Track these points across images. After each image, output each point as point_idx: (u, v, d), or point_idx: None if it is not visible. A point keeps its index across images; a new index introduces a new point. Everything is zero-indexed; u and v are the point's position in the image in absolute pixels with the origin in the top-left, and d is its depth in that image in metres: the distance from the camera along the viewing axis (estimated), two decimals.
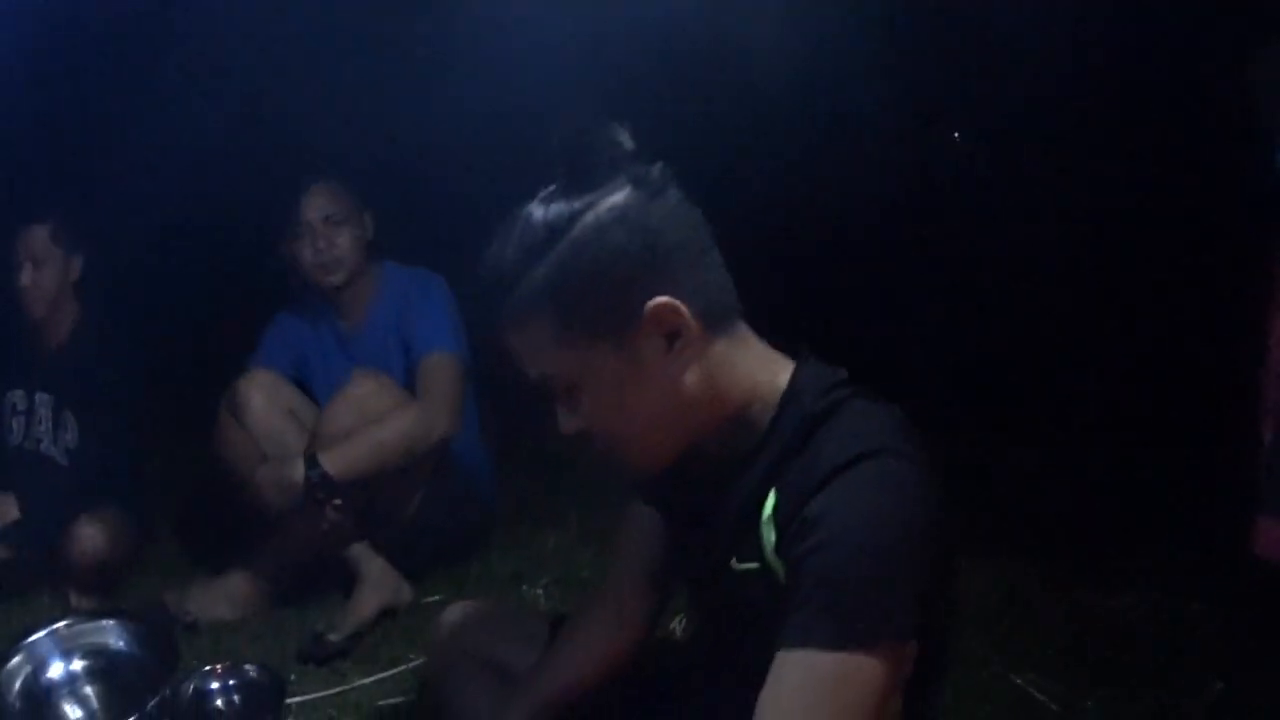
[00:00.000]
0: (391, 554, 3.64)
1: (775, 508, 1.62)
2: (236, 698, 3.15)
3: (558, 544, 4.05)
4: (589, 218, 1.57)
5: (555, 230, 1.58)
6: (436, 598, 3.68)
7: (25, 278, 3.73)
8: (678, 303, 1.58)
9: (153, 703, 2.87)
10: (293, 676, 3.26)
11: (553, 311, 1.58)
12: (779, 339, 1.76)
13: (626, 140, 1.63)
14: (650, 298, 1.57)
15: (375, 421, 3.40)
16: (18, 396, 3.88)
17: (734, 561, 1.70)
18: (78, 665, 3.14)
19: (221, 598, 3.64)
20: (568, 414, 1.68)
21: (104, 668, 3.13)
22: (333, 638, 3.43)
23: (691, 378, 1.62)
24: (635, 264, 1.57)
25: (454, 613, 2.54)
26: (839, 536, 1.52)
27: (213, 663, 3.20)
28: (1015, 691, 2.98)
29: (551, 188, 1.62)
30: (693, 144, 1.71)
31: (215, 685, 3.18)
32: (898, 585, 1.53)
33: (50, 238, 3.79)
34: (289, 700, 3.12)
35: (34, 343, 3.87)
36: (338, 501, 3.40)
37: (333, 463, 3.35)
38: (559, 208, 1.59)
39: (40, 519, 3.67)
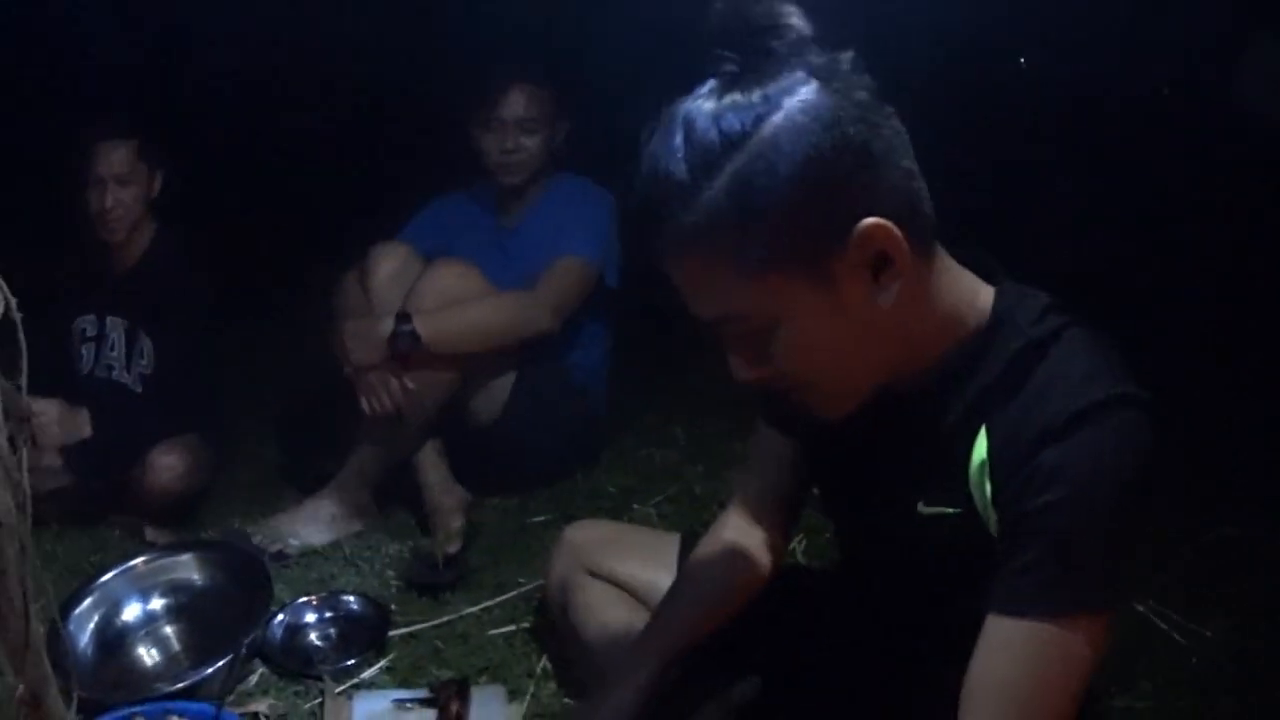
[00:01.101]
0: (471, 460, 3.45)
1: (992, 452, 1.41)
2: (334, 630, 2.94)
3: (664, 461, 3.78)
4: (776, 118, 1.28)
5: (734, 135, 1.28)
6: (542, 518, 3.45)
7: (108, 199, 3.38)
8: (889, 224, 1.31)
9: (246, 640, 2.58)
10: (393, 606, 3.00)
11: (737, 238, 1.30)
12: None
13: (803, 23, 1.32)
14: (857, 216, 1.30)
15: (481, 302, 3.27)
16: (88, 322, 3.57)
17: (921, 504, 1.52)
18: (157, 604, 2.92)
19: (307, 522, 3.37)
20: (746, 359, 1.43)
21: (186, 605, 2.91)
22: (447, 553, 3.17)
23: (895, 307, 1.36)
24: (838, 176, 1.28)
25: (579, 531, 2.45)
26: (1079, 496, 1.34)
27: (304, 593, 3.01)
28: (1136, 618, 2.81)
29: (716, 81, 1.32)
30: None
31: (311, 618, 2.97)
32: (1127, 550, 1.41)
33: (136, 154, 3.44)
34: (391, 633, 2.86)
35: (104, 265, 3.58)
36: (410, 385, 3.20)
37: (423, 324, 3.15)
38: (736, 106, 1.29)
39: (114, 448, 3.37)
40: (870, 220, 1.30)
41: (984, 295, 1.48)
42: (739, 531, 1.93)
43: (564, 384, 3.53)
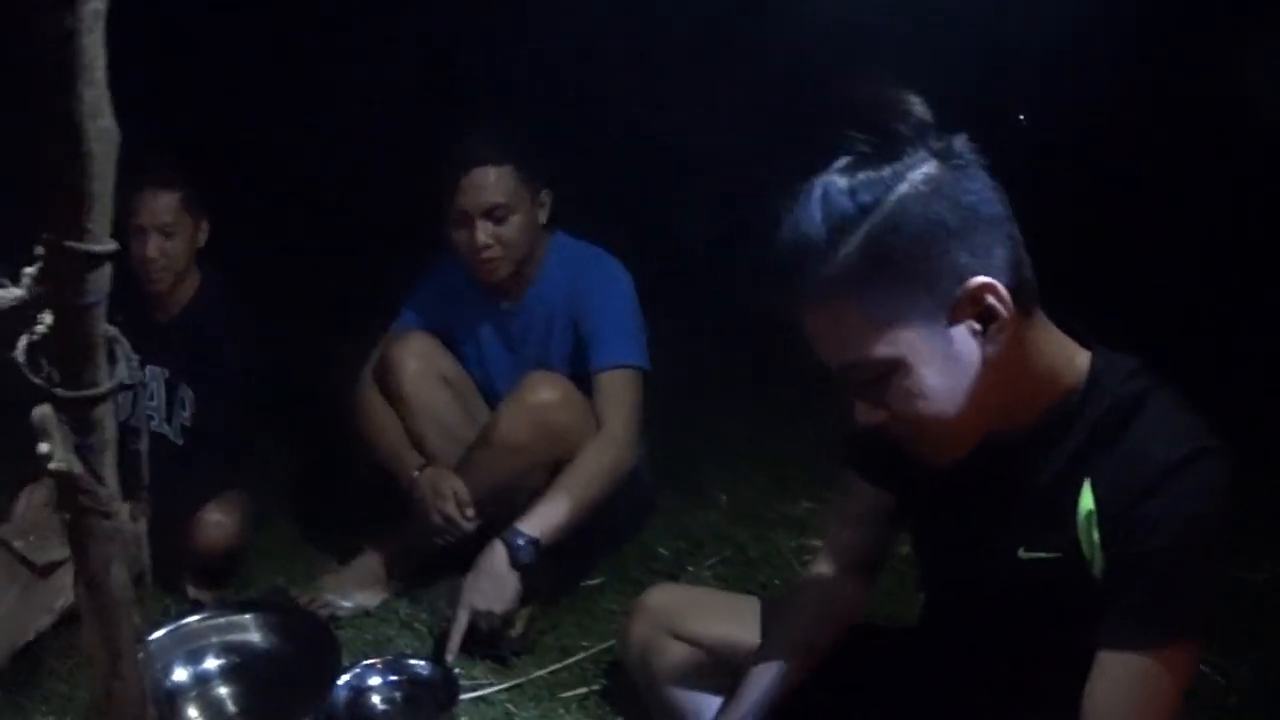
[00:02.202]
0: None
1: (1099, 503, 1.56)
2: (399, 694, 2.80)
3: (709, 523, 3.71)
4: (902, 188, 1.44)
5: (866, 204, 1.44)
6: (596, 581, 3.37)
7: (151, 249, 3.23)
8: (996, 283, 1.46)
9: (320, 705, 2.53)
10: (457, 669, 2.87)
11: (867, 292, 1.46)
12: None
13: (923, 109, 1.49)
14: (967, 276, 1.45)
15: (573, 469, 3.02)
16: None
17: (1022, 550, 1.64)
18: (210, 665, 2.75)
19: (357, 584, 3.25)
20: (869, 404, 1.55)
21: (241, 666, 2.74)
22: (512, 631, 3.00)
23: (1002, 360, 1.51)
24: (954, 240, 1.44)
25: (658, 595, 2.45)
26: (1180, 541, 1.51)
27: (360, 656, 2.87)
28: None
29: (849, 157, 1.48)
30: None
31: (376, 681, 2.83)
32: (1215, 583, 1.61)
33: (181, 204, 3.30)
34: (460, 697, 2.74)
35: (143, 314, 3.40)
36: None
37: (540, 529, 2.97)
38: (867, 178, 1.46)
39: (153, 503, 3.16)
40: (980, 279, 1.45)
41: (1080, 357, 1.61)
42: (826, 584, 2.04)
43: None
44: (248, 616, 2.82)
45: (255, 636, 2.80)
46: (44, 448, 1.31)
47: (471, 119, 3.53)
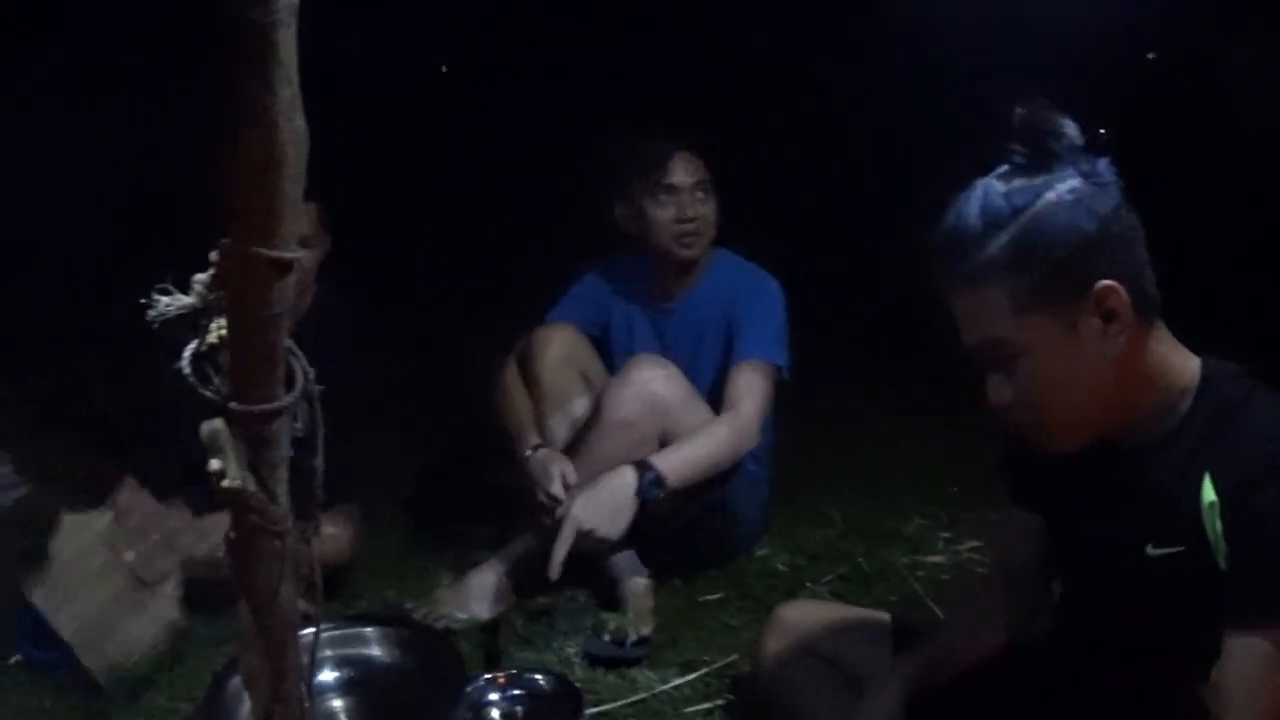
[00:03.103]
0: (653, 551, 3.23)
1: (1220, 495, 1.65)
2: (520, 709, 2.70)
3: (825, 539, 3.60)
4: (1050, 196, 1.64)
5: (1019, 204, 1.65)
6: (714, 596, 3.26)
7: None
8: (1120, 287, 1.64)
9: None
10: (576, 684, 2.77)
11: (1012, 278, 1.64)
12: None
13: (1075, 133, 1.69)
14: (1096, 279, 1.63)
15: (702, 431, 3.06)
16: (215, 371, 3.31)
17: (1150, 547, 1.73)
18: (326, 677, 2.66)
19: (472, 596, 3.16)
20: (1000, 383, 1.72)
21: (358, 680, 2.65)
22: (634, 637, 2.94)
23: (1119, 360, 1.67)
24: (1089, 244, 1.63)
25: (792, 610, 2.45)
26: None
27: (475, 670, 2.77)
28: None
29: (1008, 166, 1.70)
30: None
31: (495, 695, 2.72)
32: None
33: (318, 217, 3.26)
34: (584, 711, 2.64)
35: None
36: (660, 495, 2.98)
37: (668, 468, 2.96)
38: (1022, 184, 1.67)
39: None
40: (1106, 282, 1.63)
41: (1192, 362, 1.75)
42: (981, 600, 2.15)
43: (744, 472, 3.30)
44: (367, 629, 2.74)
45: (374, 650, 2.73)
46: (215, 465, 1.23)
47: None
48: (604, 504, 2.87)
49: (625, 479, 2.90)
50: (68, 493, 4.09)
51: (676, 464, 2.96)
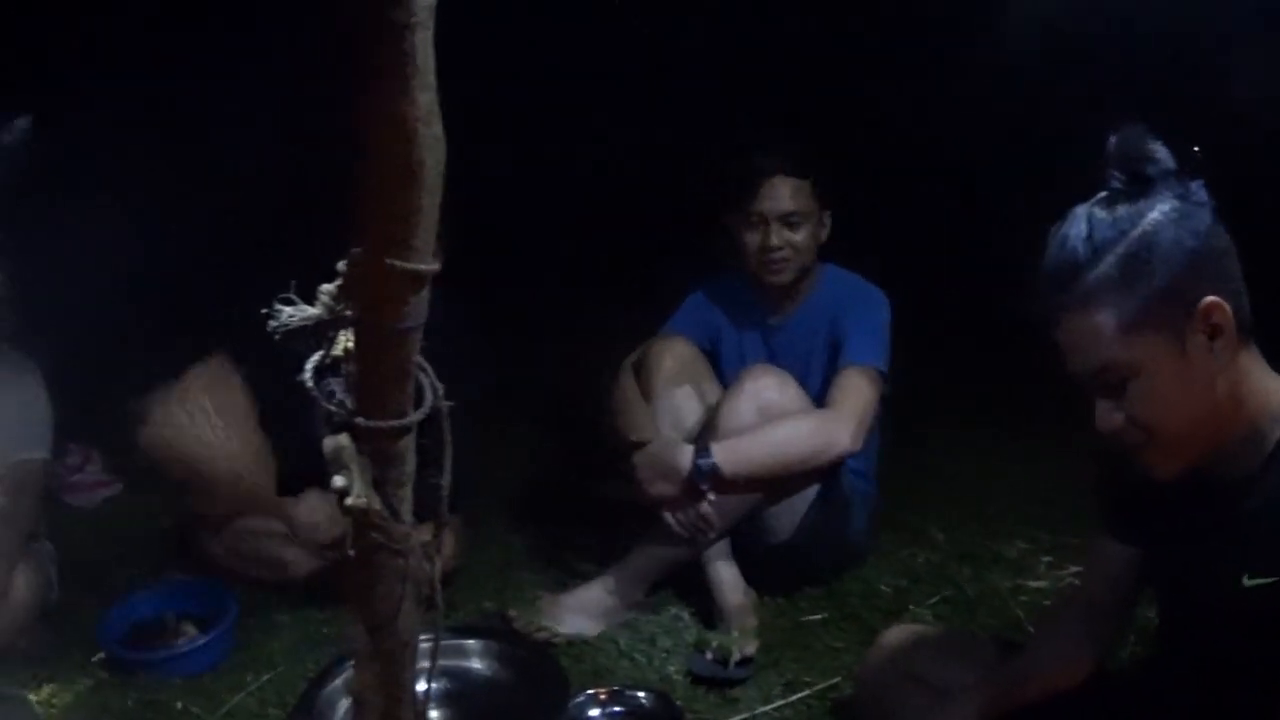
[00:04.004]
0: (757, 568, 3.16)
1: None
2: None
3: (929, 561, 3.48)
4: (1153, 216, 1.66)
5: (1124, 226, 1.67)
6: (817, 616, 3.15)
7: None
8: (1224, 303, 1.64)
9: None
10: (677, 702, 2.72)
11: (1121, 300, 1.65)
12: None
13: (1167, 157, 1.71)
14: (1202, 295, 1.64)
15: (774, 422, 2.99)
16: (336, 384, 3.27)
17: (1245, 578, 1.71)
18: (419, 686, 2.56)
19: (576, 611, 3.08)
20: (1110, 409, 1.70)
21: (455, 692, 2.60)
22: (738, 656, 2.86)
23: (1222, 381, 1.68)
24: (1194, 262, 1.64)
25: (897, 634, 2.42)
26: None
27: (575, 686, 2.69)
28: None
29: (1108, 191, 1.72)
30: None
31: (596, 712, 2.68)
32: None
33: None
34: None
35: None
36: (712, 497, 2.95)
37: (725, 455, 2.93)
38: (1124, 208, 1.68)
39: None
40: (1211, 298, 1.64)
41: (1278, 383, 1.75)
42: (1070, 624, 2.13)
43: (850, 490, 3.22)
44: (469, 641, 2.70)
45: (475, 662, 2.68)
46: (339, 482, 1.17)
47: (762, 130, 3.78)
48: (656, 464, 2.95)
49: (684, 454, 2.94)
50: (160, 492, 4.14)
51: (737, 457, 2.93)
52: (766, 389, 3.03)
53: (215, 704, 2.85)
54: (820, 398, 3.14)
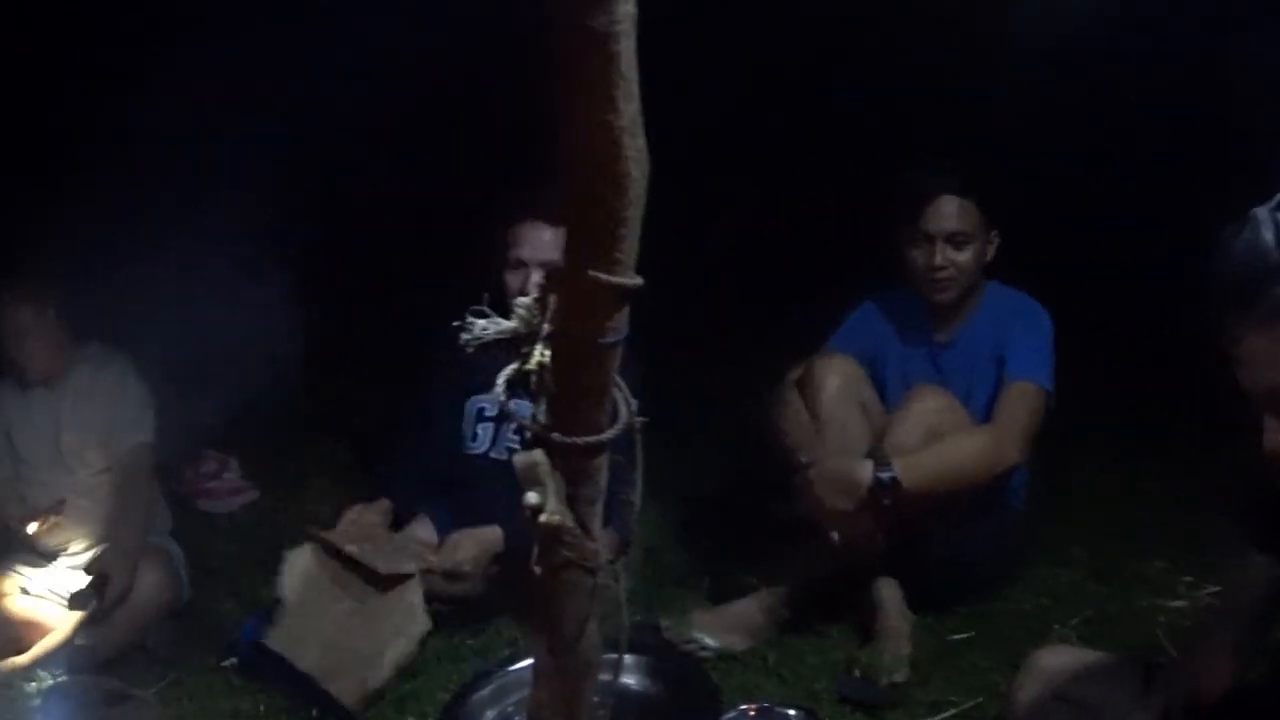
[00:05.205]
0: (911, 586, 3.06)
1: None
2: None
3: (1070, 580, 3.37)
4: None
5: None
6: (963, 636, 3.06)
7: (527, 284, 3.18)
8: None
9: None
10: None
11: None
12: None
13: None
14: None
15: (951, 438, 2.95)
16: (486, 402, 3.28)
17: None
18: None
19: (729, 626, 3.02)
20: None
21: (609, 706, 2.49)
22: (894, 678, 2.78)
23: None
24: None
25: (1049, 656, 2.32)
26: None
27: (726, 701, 2.64)
28: None
29: None
30: None
31: None
32: None
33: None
34: None
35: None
36: (886, 501, 2.85)
37: (905, 468, 2.84)
38: None
39: (519, 538, 3.05)
40: None
41: None
42: (1217, 645, 2.02)
43: (1007, 507, 3.16)
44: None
45: (628, 677, 2.63)
46: (532, 498, 1.13)
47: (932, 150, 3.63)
48: (835, 478, 2.86)
49: (864, 469, 2.85)
50: (296, 499, 4.16)
51: (916, 471, 2.85)
52: (934, 411, 2.98)
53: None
54: (985, 415, 3.07)
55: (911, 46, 5.44)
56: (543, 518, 1.09)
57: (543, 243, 3.19)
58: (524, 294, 2.89)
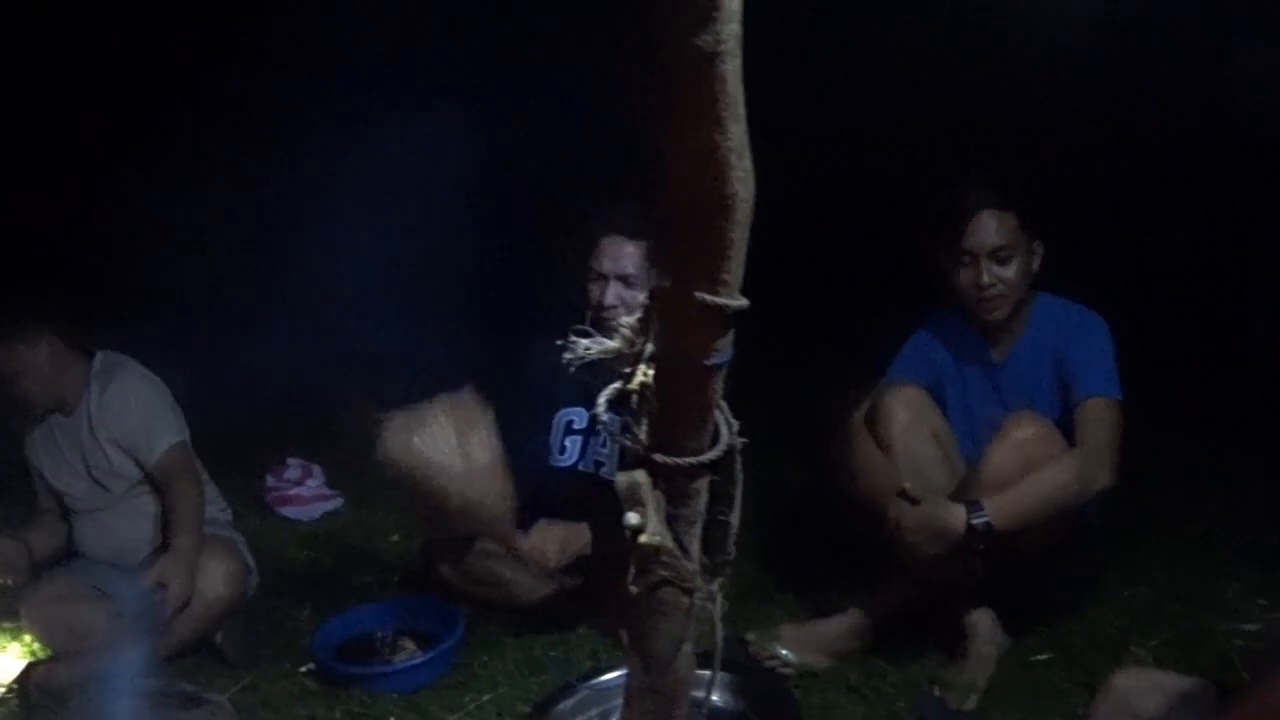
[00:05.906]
0: (998, 606, 3.00)
1: None
2: None
3: (1147, 599, 3.30)
4: None
5: None
6: (1043, 657, 3.00)
7: (609, 296, 3.23)
8: None
9: None
10: None
11: None
12: None
13: None
14: None
15: (1038, 470, 2.81)
16: (575, 414, 3.28)
17: None
18: None
19: (818, 643, 2.99)
20: None
21: None
22: (964, 705, 2.75)
23: None
24: None
25: (1126, 679, 2.31)
26: None
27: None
28: None
29: None
30: None
31: None
32: None
33: (643, 255, 3.23)
34: None
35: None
36: (980, 547, 2.76)
37: (997, 511, 2.74)
38: None
39: (604, 550, 3.05)
40: None
41: None
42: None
43: (1090, 527, 3.09)
44: (705, 673, 2.60)
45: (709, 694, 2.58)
46: (633, 519, 1.11)
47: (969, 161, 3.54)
48: (928, 525, 2.76)
49: (957, 514, 2.74)
50: (377, 509, 4.16)
51: (1010, 512, 2.74)
52: (1032, 440, 2.86)
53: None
54: None
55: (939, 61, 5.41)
56: (643, 538, 1.07)
57: (623, 256, 3.20)
58: (603, 305, 2.96)
